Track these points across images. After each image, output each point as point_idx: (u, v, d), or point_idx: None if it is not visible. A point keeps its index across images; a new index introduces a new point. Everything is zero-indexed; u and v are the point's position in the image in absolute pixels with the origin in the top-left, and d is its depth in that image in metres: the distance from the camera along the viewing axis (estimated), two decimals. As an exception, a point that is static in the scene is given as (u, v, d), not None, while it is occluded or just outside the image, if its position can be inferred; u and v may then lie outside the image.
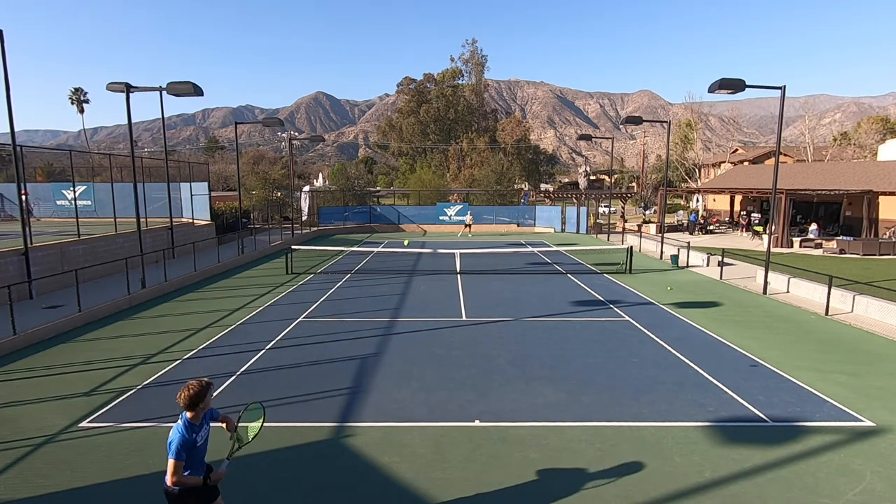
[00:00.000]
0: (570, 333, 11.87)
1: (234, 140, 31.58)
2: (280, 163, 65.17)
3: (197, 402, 4.07)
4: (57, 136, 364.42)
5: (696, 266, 21.60)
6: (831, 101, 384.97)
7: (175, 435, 4.01)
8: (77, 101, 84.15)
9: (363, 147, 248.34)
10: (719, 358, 10.18)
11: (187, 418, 4.10)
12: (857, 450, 6.64)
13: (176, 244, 21.60)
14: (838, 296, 14.01)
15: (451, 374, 9.26)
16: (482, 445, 6.74)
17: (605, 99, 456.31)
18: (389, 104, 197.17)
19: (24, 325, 11.22)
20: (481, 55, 77.24)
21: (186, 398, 4.04)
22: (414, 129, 73.86)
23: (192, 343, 11.06)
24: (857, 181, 29.60)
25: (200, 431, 4.19)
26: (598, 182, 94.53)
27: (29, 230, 16.91)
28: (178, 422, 4.10)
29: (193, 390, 4.06)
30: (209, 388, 4.18)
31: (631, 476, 6.01)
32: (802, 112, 70.77)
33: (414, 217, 39.70)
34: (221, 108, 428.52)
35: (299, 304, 14.74)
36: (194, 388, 4.08)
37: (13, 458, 6.44)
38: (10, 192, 25.49)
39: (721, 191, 39.05)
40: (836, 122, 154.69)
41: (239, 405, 7.89)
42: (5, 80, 12.58)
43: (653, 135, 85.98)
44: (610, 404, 7.99)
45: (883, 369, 9.61)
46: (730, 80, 14.86)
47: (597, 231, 36.90)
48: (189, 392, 4.05)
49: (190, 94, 15.36)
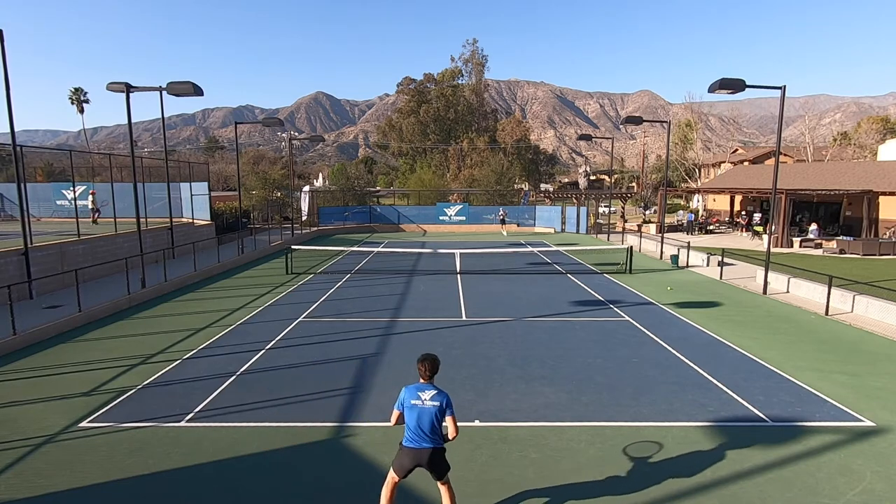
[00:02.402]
0: (570, 333, 11.87)
1: (234, 140, 31.58)
2: (280, 163, 65.17)
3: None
4: (57, 136, 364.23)
5: (696, 266, 21.60)
6: (831, 101, 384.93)
7: (447, 397, 4.93)
8: (77, 100, 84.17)
9: (363, 147, 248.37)
10: (719, 358, 10.19)
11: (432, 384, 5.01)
12: (857, 450, 6.64)
13: (176, 244, 21.60)
14: (838, 296, 14.01)
15: (450, 374, 9.26)
16: (482, 445, 6.74)
17: (605, 99, 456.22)
18: (389, 104, 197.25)
19: (24, 325, 11.22)
20: (481, 55, 77.32)
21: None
22: (414, 129, 73.81)
23: (192, 343, 11.06)
24: (857, 181, 29.60)
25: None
26: (598, 182, 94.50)
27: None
28: (434, 391, 4.91)
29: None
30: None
31: (631, 476, 6.01)
32: (802, 112, 70.90)
33: (414, 217, 39.70)
34: (221, 108, 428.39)
35: (299, 304, 14.74)
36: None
37: (13, 458, 6.44)
38: (11, 192, 25.46)
39: (721, 191, 39.06)
40: (836, 122, 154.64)
41: (239, 405, 7.92)
42: (5, 80, 12.58)
43: (653, 135, 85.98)
44: (610, 404, 7.99)
45: (883, 369, 9.61)
46: (730, 79, 14.86)
47: (597, 231, 36.90)
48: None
49: (190, 94, 15.36)
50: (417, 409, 4.86)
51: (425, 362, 4.95)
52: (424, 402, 4.86)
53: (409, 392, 4.94)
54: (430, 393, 4.89)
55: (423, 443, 4.85)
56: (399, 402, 4.96)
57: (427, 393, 4.89)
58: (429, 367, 4.94)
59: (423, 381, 4.97)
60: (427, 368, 4.93)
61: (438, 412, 4.84)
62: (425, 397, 4.87)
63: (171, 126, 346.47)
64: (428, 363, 4.94)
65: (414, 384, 5.02)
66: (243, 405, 7.92)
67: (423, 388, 4.93)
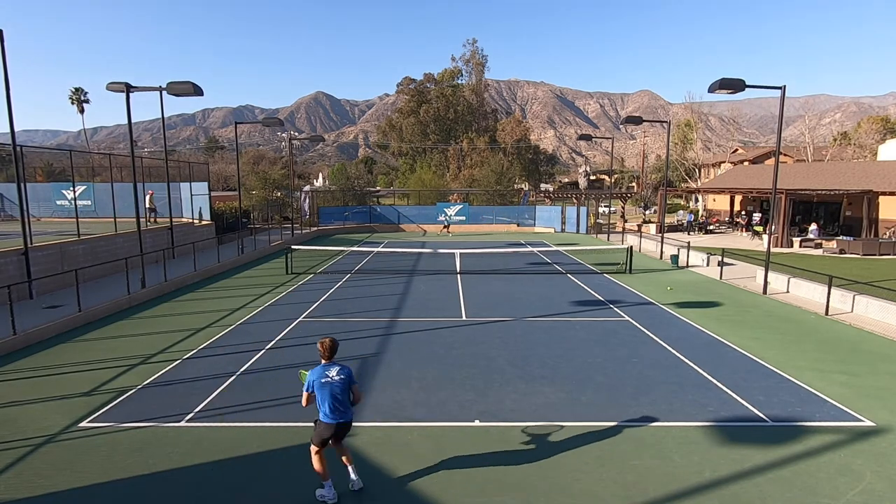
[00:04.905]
0: (569, 333, 11.88)
1: (234, 140, 31.58)
2: (280, 163, 65.15)
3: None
4: (57, 136, 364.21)
5: (696, 266, 21.60)
6: (831, 101, 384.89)
7: (350, 369, 5.62)
8: (77, 100, 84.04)
9: (363, 147, 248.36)
10: (719, 358, 10.19)
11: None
12: (857, 450, 6.64)
13: (176, 244, 21.60)
14: (838, 296, 14.01)
15: (451, 374, 9.26)
16: (482, 445, 6.73)
17: (605, 99, 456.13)
18: (389, 104, 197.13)
19: (24, 325, 11.22)
20: (481, 55, 77.32)
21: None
22: (414, 129, 73.79)
23: (192, 343, 11.06)
24: (857, 181, 29.60)
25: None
26: (598, 182, 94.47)
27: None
28: (338, 366, 5.54)
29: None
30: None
31: (631, 476, 6.01)
32: (802, 112, 70.88)
33: (414, 217, 39.69)
34: (221, 108, 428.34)
35: (299, 304, 14.73)
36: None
37: (13, 458, 6.44)
38: (11, 192, 25.46)
39: (721, 191, 39.06)
40: (836, 122, 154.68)
41: (239, 405, 7.93)
42: (5, 80, 12.57)
43: (653, 135, 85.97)
44: (610, 404, 7.99)
45: (883, 369, 9.61)
46: (730, 79, 14.85)
47: (597, 231, 36.90)
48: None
49: (190, 94, 15.35)
50: (329, 385, 5.39)
51: (324, 344, 5.52)
52: (333, 378, 5.42)
53: (317, 373, 5.45)
54: (335, 369, 5.48)
55: (343, 416, 5.45)
56: (308, 384, 5.45)
57: (333, 370, 5.47)
58: (328, 348, 5.51)
59: (326, 361, 5.53)
60: (326, 349, 5.51)
61: (346, 384, 5.46)
62: (332, 374, 5.44)
63: (171, 126, 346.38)
64: (327, 343, 5.53)
65: (318, 366, 5.51)
66: (243, 405, 7.93)
67: (328, 367, 5.49)
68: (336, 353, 5.58)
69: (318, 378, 5.41)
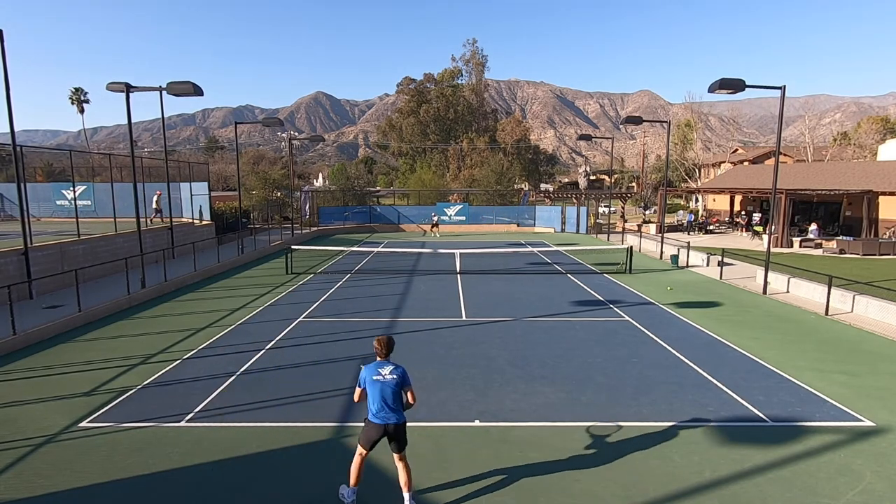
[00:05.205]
0: (569, 333, 11.87)
1: (234, 140, 31.58)
2: (280, 163, 65.20)
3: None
4: (57, 136, 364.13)
5: (696, 266, 21.60)
6: (831, 101, 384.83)
7: (403, 370, 5.40)
8: (77, 100, 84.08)
9: (363, 147, 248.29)
10: (719, 358, 10.19)
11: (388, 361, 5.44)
12: (857, 450, 6.64)
13: (176, 244, 21.60)
14: (838, 296, 14.01)
15: (451, 374, 9.26)
16: (482, 445, 6.74)
17: (605, 99, 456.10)
18: (389, 104, 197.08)
19: (24, 325, 11.22)
20: (482, 55, 77.32)
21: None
22: (414, 129, 73.79)
23: (192, 343, 11.06)
24: (857, 181, 29.60)
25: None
26: (598, 182, 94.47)
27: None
28: (392, 366, 5.36)
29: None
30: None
31: (631, 476, 6.01)
32: (802, 112, 70.88)
33: (414, 217, 39.69)
34: (221, 108, 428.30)
35: (299, 304, 14.73)
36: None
37: (13, 458, 6.44)
38: (11, 192, 25.46)
39: (721, 191, 39.06)
40: (836, 122, 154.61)
41: (239, 405, 7.93)
42: (5, 80, 12.57)
43: (653, 135, 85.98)
44: (610, 404, 7.99)
45: (883, 369, 9.61)
46: (730, 79, 14.85)
47: (597, 231, 36.90)
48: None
49: (190, 94, 15.35)
50: (379, 384, 5.27)
51: (381, 340, 5.41)
52: (385, 377, 5.28)
53: (370, 370, 5.35)
54: (388, 368, 5.33)
55: (390, 417, 5.28)
56: (361, 380, 5.38)
57: (386, 368, 5.32)
58: (384, 345, 5.39)
59: (381, 359, 5.39)
60: (383, 346, 5.38)
61: (398, 385, 5.28)
62: (385, 372, 5.30)
63: (171, 126, 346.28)
64: (384, 340, 5.41)
65: (373, 363, 5.41)
66: (243, 405, 7.93)
67: (382, 365, 5.35)
68: (392, 350, 5.45)
69: (370, 375, 5.29)
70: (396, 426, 5.28)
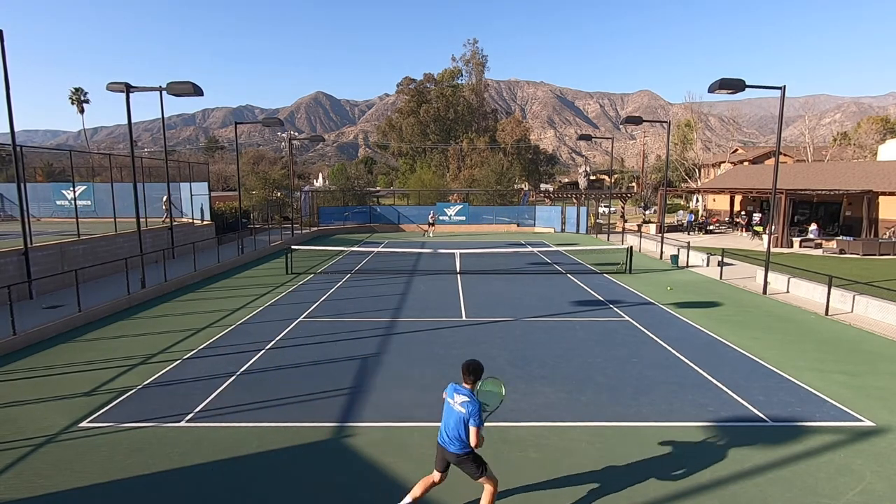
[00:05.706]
0: (569, 333, 11.88)
1: (234, 140, 31.58)
2: (280, 163, 65.12)
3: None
4: (57, 136, 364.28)
5: (696, 266, 21.60)
6: (831, 101, 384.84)
7: (475, 406, 4.76)
8: (77, 101, 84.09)
9: (363, 147, 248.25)
10: (719, 358, 10.19)
11: (470, 390, 4.92)
12: (857, 450, 6.64)
13: (176, 244, 21.60)
14: (838, 296, 14.01)
15: (451, 374, 9.25)
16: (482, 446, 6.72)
17: (605, 99, 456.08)
18: (389, 104, 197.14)
19: (24, 325, 11.22)
20: (482, 55, 77.30)
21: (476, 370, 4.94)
22: (414, 129, 73.77)
23: (192, 343, 11.06)
24: (857, 181, 29.60)
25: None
26: (598, 182, 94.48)
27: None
28: (466, 398, 4.83)
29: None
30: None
31: (631, 476, 6.01)
32: (802, 112, 70.90)
33: (414, 217, 39.70)
34: (221, 108, 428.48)
35: (299, 304, 14.73)
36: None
37: (13, 458, 6.43)
38: (11, 192, 25.47)
39: (721, 191, 39.06)
40: (836, 122, 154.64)
41: (239, 405, 7.92)
42: (5, 80, 12.57)
43: (653, 135, 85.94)
44: (610, 404, 7.99)
45: (883, 369, 9.61)
46: (730, 80, 14.85)
47: (597, 231, 36.91)
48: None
49: (190, 94, 15.36)
50: (447, 408, 5.02)
51: (463, 365, 5.02)
52: (454, 405, 4.92)
53: (450, 389, 5.06)
54: (461, 398, 4.88)
55: (448, 445, 4.97)
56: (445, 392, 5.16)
57: (459, 397, 4.90)
58: (464, 370, 4.97)
59: (464, 384, 4.99)
60: (463, 370, 4.98)
61: (463, 419, 4.83)
62: (457, 400, 4.91)
63: (171, 126, 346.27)
64: (464, 366, 5.00)
65: (459, 384, 5.05)
66: (243, 405, 7.93)
67: (459, 391, 4.96)
68: (476, 376, 4.93)
69: (448, 394, 5.03)
70: (454, 455, 4.94)
